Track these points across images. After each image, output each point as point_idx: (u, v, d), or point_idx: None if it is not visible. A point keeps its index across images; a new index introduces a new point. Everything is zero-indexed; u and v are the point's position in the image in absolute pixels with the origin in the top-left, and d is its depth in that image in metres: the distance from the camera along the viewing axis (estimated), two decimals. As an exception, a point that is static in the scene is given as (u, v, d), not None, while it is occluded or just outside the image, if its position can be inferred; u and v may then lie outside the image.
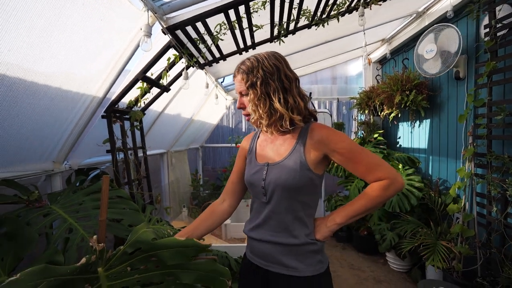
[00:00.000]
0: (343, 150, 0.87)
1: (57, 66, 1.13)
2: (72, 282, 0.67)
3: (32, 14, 0.91)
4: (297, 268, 0.87)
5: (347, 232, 3.40)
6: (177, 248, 0.78)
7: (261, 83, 0.85)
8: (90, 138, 1.56)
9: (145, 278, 0.78)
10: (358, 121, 3.76)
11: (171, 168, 3.06)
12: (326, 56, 3.50)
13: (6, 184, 1.13)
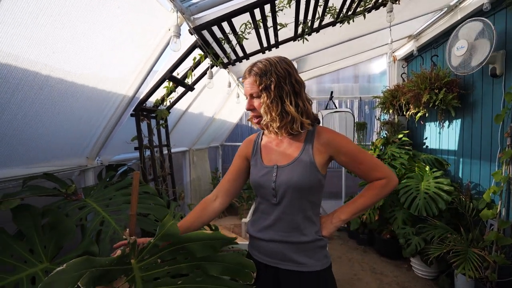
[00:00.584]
0: (348, 152, 0.94)
1: (93, 67, 1.19)
2: (110, 273, 0.71)
3: (73, 18, 0.97)
4: (307, 264, 0.91)
5: (369, 235, 3.30)
6: (205, 240, 0.80)
7: (275, 86, 0.88)
8: (119, 136, 1.63)
9: (174, 269, 0.81)
10: (382, 121, 3.64)
11: (193, 166, 3.13)
12: (348, 54, 3.42)
13: (47, 178, 1.21)
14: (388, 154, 3.09)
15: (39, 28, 0.91)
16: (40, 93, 1.02)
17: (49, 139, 1.20)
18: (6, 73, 0.90)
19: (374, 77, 4.10)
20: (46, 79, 1.01)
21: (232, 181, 1.06)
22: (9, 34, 0.85)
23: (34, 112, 1.05)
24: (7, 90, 0.92)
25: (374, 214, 3.00)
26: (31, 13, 0.86)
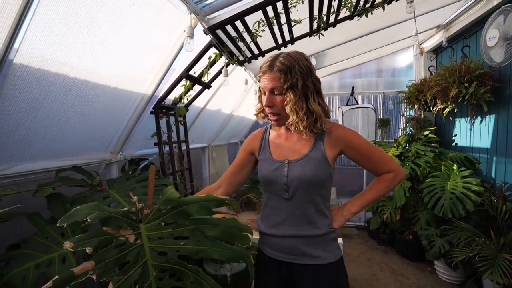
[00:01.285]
0: (358, 147, 0.95)
1: (115, 68, 1.29)
2: (115, 219, 0.79)
3: (97, 24, 1.06)
4: (321, 257, 0.93)
5: (390, 235, 3.19)
6: (200, 202, 0.87)
7: (302, 84, 0.87)
8: (140, 132, 1.74)
9: (177, 232, 0.88)
10: (406, 117, 3.47)
11: (212, 161, 3.23)
12: (371, 48, 3.29)
13: (76, 170, 1.34)
14: (412, 151, 2.95)
15: (68, 34, 1.01)
16: (68, 93, 1.14)
17: (77, 135, 1.33)
18: (40, 76, 1.02)
19: (399, 71, 3.90)
20: (73, 81, 1.12)
21: (234, 174, 1.08)
22: (42, 41, 0.95)
23: (64, 111, 1.17)
24: (40, 92, 1.04)
25: (396, 213, 2.89)
26: (60, 21, 0.96)
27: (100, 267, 0.68)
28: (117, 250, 0.75)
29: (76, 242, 0.67)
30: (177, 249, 0.84)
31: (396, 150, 3.09)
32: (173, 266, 0.82)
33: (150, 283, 0.77)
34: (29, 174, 1.19)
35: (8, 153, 1.08)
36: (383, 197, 1.03)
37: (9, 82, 0.93)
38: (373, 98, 4.18)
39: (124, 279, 0.72)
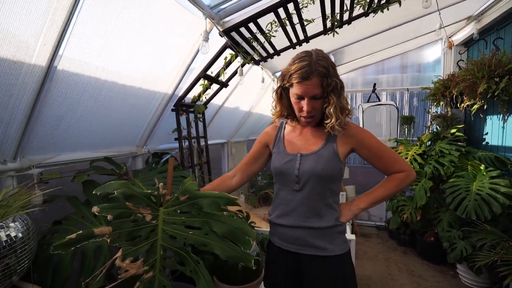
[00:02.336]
0: (370, 146, 0.98)
1: (139, 70, 1.45)
2: (138, 198, 0.91)
3: (125, 30, 1.21)
4: (327, 249, 0.95)
5: (411, 235, 3.10)
6: (212, 198, 0.94)
7: (340, 86, 0.90)
8: (162, 128, 1.91)
9: (188, 221, 0.96)
10: (432, 114, 3.32)
11: (231, 157, 3.36)
12: (394, 43, 3.18)
13: (106, 161, 1.52)
14: (436, 150, 2.83)
15: (100, 42, 1.17)
16: (100, 93, 1.31)
17: (108, 130, 1.51)
18: (77, 79, 1.19)
19: (426, 67, 3.71)
20: (104, 82, 1.29)
21: (249, 164, 1.13)
22: (80, 47, 1.12)
23: (96, 109, 1.35)
24: (77, 92, 1.22)
25: (416, 213, 2.80)
26: (93, 32, 1.12)
27: (115, 234, 0.80)
28: (133, 224, 0.87)
29: (101, 208, 0.81)
30: (186, 236, 0.91)
31: (419, 148, 2.98)
32: (178, 251, 0.90)
33: (156, 259, 0.86)
34: (69, 163, 1.39)
35: (53, 145, 1.28)
36: (393, 196, 1.04)
37: (53, 85, 1.11)
38: (398, 95, 4.03)
39: (133, 249, 0.82)
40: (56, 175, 1.12)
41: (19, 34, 0.90)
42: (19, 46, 0.92)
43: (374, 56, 3.50)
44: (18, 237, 0.89)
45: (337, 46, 2.81)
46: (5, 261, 0.85)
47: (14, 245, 0.87)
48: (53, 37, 0.98)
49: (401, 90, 3.93)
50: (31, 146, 1.18)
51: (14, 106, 1.02)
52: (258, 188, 3.96)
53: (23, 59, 0.95)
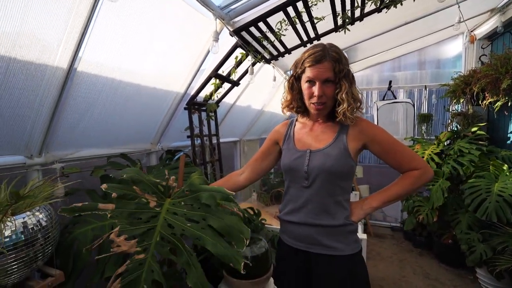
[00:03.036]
0: (383, 141, 0.95)
1: (153, 70, 1.51)
2: (145, 185, 0.97)
3: (138, 34, 1.28)
4: (337, 248, 0.93)
5: (427, 237, 3.00)
6: (210, 191, 0.97)
7: (351, 76, 0.93)
8: (175, 126, 1.98)
9: (189, 213, 0.98)
10: (452, 112, 3.18)
11: (244, 155, 3.40)
12: (411, 38, 3.08)
13: (122, 157, 1.61)
14: (455, 149, 2.72)
15: (115, 44, 1.24)
16: (116, 93, 1.39)
17: (123, 128, 1.60)
18: (95, 80, 1.27)
19: (445, 62, 3.56)
20: (119, 83, 1.37)
21: (259, 161, 1.13)
22: (97, 50, 1.19)
23: (112, 108, 1.43)
24: (95, 92, 1.29)
25: (433, 214, 2.71)
26: (110, 35, 1.19)
27: (117, 211, 0.86)
28: (135, 206, 0.92)
29: (109, 186, 0.88)
30: (183, 227, 0.93)
31: (436, 147, 2.88)
32: (174, 241, 0.91)
33: (150, 243, 0.88)
34: (88, 158, 1.48)
35: (73, 141, 1.37)
36: (408, 195, 1.01)
37: (74, 86, 1.19)
38: (416, 92, 3.90)
39: (129, 228, 0.86)
40: (76, 169, 1.20)
41: (44, 38, 0.98)
42: (43, 50, 1.00)
43: (390, 52, 3.41)
44: (42, 225, 0.97)
45: (350, 44, 2.77)
46: (32, 246, 0.93)
47: (40, 232, 0.96)
48: (73, 41, 1.06)
49: (419, 87, 3.80)
50: (54, 143, 1.27)
51: (39, 105, 1.11)
52: (270, 186, 3.98)
53: (47, 61, 1.03)
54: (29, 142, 1.17)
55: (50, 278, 1.01)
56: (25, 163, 1.18)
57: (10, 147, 1.12)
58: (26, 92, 1.02)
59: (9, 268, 0.88)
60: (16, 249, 0.89)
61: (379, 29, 2.57)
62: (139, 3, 1.19)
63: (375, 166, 4.22)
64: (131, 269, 0.82)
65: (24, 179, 1.19)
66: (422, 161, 0.95)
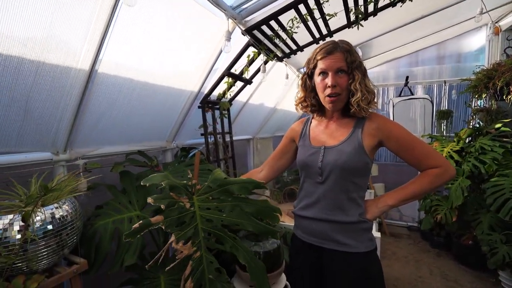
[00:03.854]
0: (399, 138, 0.92)
1: (167, 70, 1.57)
2: (178, 188, 1.04)
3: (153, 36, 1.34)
4: (351, 245, 0.92)
5: (446, 238, 2.91)
6: (241, 183, 1.05)
7: (364, 68, 0.94)
8: (190, 124, 2.04)
9: (220, 205, 1.07)
10: (474, 108, 3.05)
11: (257, 153, 3.43)
12: (428, 32, 2.98)
13: (140, 154, 1.68)
14: (476, 147, 2.61)
15: (133, 46, 1.30)
16: (133, 93, 1.45)
17: (140, 126, 1.67)
18: (114, 80, 1.34)
19: (467, 56, 3.40)
20: (137, 82, 1.43)
21: (276, 159, 1.16)
22: (116, 51, 1.26)
23: (130, 107, 1.50)
24: (114, 92, 1.37)
25: (452, 214, 2.62)
26: (127, 37, 1.25)
27: (167, 221, 0.92)
28: (178, 211, 0.98)
29: (155, 199, 0.94)
30: (221, 219, 1.04)
31: (456, 145, 2.77)
32: (217, 232, 1.02)
33: (200, 240, 0.99)
34: (108, 155, 1.56)
35: (94, 139, 1.46)
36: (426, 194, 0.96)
37: (95, 86, 1.27)
38: (435, 88, 3.75)
39: (182, 233, 0.95)
40: (97, 165, 1.28)
41: (68, 43, 1.06)
42: (68, 53, 1.07)
43: (407, 47, 3.31)
44: (68, 216, 1.05)
45: (364, 39, 2.72)
46: (59, 235, 1.01)
47: (65, 222, 1.03)
48: (94, 44, 1.13)
49: (439, 83, 3.65)
50: (77, 140, 1.36)
51: (64, 105, 1.19)
52: (284, 184, 3.99)
53: (71, 64, 1.11)
54: (55, 139, 1.26)
55: (75, 266, 1.09)
56: (52, 159, 1.28)
57: (39, 144, 1.21)
58: (52, 93, 1.10)
59: (40, 255, 0.96)
60: (46, 238, 0.97)
61: (394, 23, 2.51)
62: (154, 6, 1.25)
63: (392, 164, 4.11)
64: (195, 268, 0.95)
65: (51, 174, 1.29)
66: (442, 158, 0.91)
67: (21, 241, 0.90)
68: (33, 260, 0.95)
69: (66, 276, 1.04)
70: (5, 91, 0.95)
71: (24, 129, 1.09)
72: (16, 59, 0.92)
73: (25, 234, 0.90)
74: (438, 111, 3.31)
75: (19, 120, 1.05)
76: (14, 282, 0.87)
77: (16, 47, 0.89)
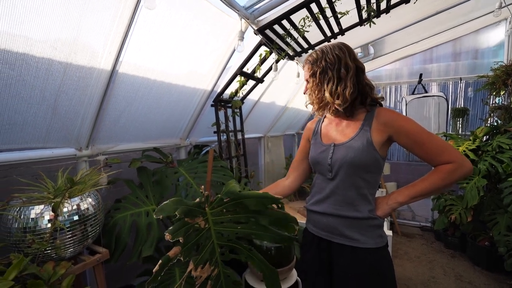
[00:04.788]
0: (410, 132, 0.90)
1: (182, 69, 1.62)
2: (192, 211, 1.04)
3: (169, 37, 1.39)
4: (359, 240, 0.93)
5: (461, 238, 2.85)
6: (257, 198, 1.04)
7: (320, 72, 0.96)
8: (203, 122, 2.09)
9: (235, 218, 1.08)
10: (491, 106, 2.96)
11: (267, 151, 3.46)
12: (443, 28, 2.92)
13: (155, 151, 1.75)
14: (493, 145, 2.54)
15: (150, 47, 1.36)
16: (151, 92, 1.52)
17: (156, 124, 1.73)
18: (132, 80, 1.41)
19: (484, 52, 3.31)
20: (153, 82, 1.49)
21: (299, 161, 1.18)
22: (135, 52, 1.32)
23: (147, 106, 1.56)
24: (132, 91, 1.43)
25: (467, 214, 2.57)
26: (145, 39, 1.31)
27: (185, 251, 0.93)
28: (194, 235, 1.00)
29: (172, 233, 0.92)
30: (236, 231, 1.05)
31: (472, 143, 2.71)
32: (232, 245, 1.05)
33: (216, 257, 1.02)
34: (125, 152, 1.64)
35: (114, 136, 1.53)
36: (439, 191, 0.91)
37: (115, 86, 1.33)
38: (451, 85, 3.67)
39: (200, 257, 0.97)
40: (117, 160, 1.35)
41: (93, 45, 1.12)
42: (92, 55, 1.14)
43: (420, 44, 3.24)
44: (92, 208, 1.12)
45: (376, 37, 2.69)
46: (84, 226, 1.08)
47: (89, 214, 1.10)
48: (116, 46, 1.19)
49: (454, 80, 3.57)
50: (99, 137, 1.43)
51: (88, 103, 1.26)
52: (294, 182, 4.00)
53: (95, 65, 1.17)
54: (79, 136, 1.33)
55: (98, 255, 1.16)
56: (75, 155, 1.35)
57: (64, 140, 1.28)
58: (78, 92, 1.17)
59: (68, 243, 1.03)
60: (72, 227, 1.04)
61: (408, 20, 2.47)
62: (171, 9, 1.30)
63: (404, 163, 4.05)
64: (214, 284, 0.99)
65: (74, 170, 1.36)
66: (456, 153, 0.87)
67: (52, 229, 0.97)
68: (61, 248, 1.02)
69: (90, 263, 1.11)
70: (37, 91, 1.02)
71: (52, 126, 1.17)
72: (47, 61, 0.99)
73: (54, 223, 0.97)
74: (453, 109, 3.24)
75: (48, 118, 1.13)
76: (45, 267, 0.94)
77: (47, 50, 0.96)
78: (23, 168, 1.22)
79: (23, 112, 1.04)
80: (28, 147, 1.15)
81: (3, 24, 0.86)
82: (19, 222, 0.95)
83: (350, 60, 0.95)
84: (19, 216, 0.96)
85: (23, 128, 1.07)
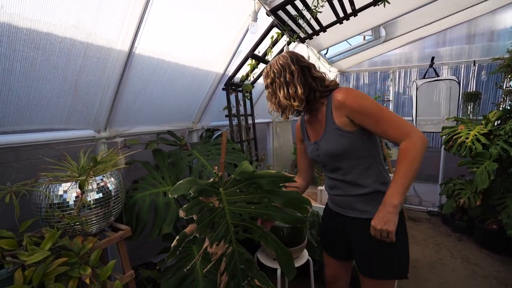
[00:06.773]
0: (363, 110, 0.92)
1: (195, 53, 1.62)
2: (206, 191, 1.08)
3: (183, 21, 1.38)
4: (370, 211, 0.99)
5: (468, 222, 2.87)
6: (270, 177, 1.08)
7: (271, 83, 1.05)
8: (214, 106, 2.10)
9: (248, 198, 1.12)
10: (505, 89, 2.90)
11: (276, 136, 3.47)
12: (458, 9, 2.82)
13: (169, 134, 1.78)
14: (506, 129, 2.51)
15: (165, 31, 1.36)
16: (165, 74, 1.52)
17: (170, 107, 1.75)
18: (148, 62, 1.41)
19: (501, 34, 3.19)
20: (168, 64, 1.50)
21: (301, 160, 1.29)
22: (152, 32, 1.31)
23: (162, 88, 1.57)
24: (147, 72, 1.44)
25: (476, 198, 2.58)
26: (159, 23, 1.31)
27: (201, 228, 0.97)
28: (209, 213, 1.03)
29: (186, 211, 0.96)
30: (249, 211, 1.09)
31: (484, 127, 2.68)
32: (246, 224, 1.09)
33: (231, 236, 1.06)
34: (141, 134, 1.67)
35: (130, 119, 1.55)
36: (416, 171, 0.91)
37: (132, 69, 1.34)
38: (463, 69, 3.58)
39: (215, 234, 1.02)
40: (136, 141, 1.38)
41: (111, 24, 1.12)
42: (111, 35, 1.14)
43: (434, 25, 3.14)
44: (114, 187, 1.16)
45: (390, 17, 2.62)
46: (107, 203, 1.12)
47: (112, 191, 1.14)
48: (133, 26, 1.19)
49: (467, 63, 3.48)
50: (116, 119, 1.45)
51: (106, 85, 1.27)
52: (302, 168, 4.02)
53: (113, 46, 1.18)
54: (97, 118, 1.36)
55: (121, 231, 1.21)
56: (95, 137, 1.38)
57: (84, 122, 1.31)
58: (97, 73, 1.18)
59: (94, 219, 1.08)
60: (97, 204, 1.08)
61: (422, 0, 2.39)
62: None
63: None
64: (228, 261, 1.03)
65: (93, 151, 1.40)
66: (405, 127, 0.88)
67: (79, 205, 1.01)
68: (87, 224, 1.07)
69: (114, 239, 1.16)
70: (60, 71, 1.04)
71: (73, 108, 1.19)
72: (69, 40, 1.00)
73: (81, 199, 1.02)
74: (465, 93, 3.18)
75: (70, 100, 1.15)
76: (74, 241, 0.99)
77: (70, 30, 0.97)
78: (46, 148, 1.25)
79: (47, 93, 1.06)
80: (51, 128, 1.18)
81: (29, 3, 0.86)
82: (48, 199, 1.00)
83: (294, 64, 1.00)
84: (48, 193, 1.00)
85: (47, 109, 1.10)
